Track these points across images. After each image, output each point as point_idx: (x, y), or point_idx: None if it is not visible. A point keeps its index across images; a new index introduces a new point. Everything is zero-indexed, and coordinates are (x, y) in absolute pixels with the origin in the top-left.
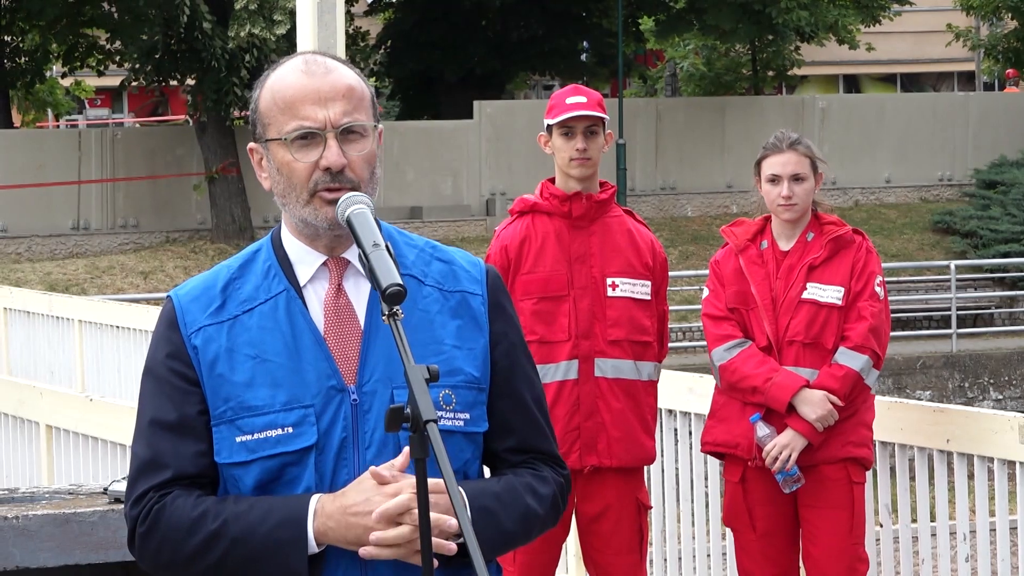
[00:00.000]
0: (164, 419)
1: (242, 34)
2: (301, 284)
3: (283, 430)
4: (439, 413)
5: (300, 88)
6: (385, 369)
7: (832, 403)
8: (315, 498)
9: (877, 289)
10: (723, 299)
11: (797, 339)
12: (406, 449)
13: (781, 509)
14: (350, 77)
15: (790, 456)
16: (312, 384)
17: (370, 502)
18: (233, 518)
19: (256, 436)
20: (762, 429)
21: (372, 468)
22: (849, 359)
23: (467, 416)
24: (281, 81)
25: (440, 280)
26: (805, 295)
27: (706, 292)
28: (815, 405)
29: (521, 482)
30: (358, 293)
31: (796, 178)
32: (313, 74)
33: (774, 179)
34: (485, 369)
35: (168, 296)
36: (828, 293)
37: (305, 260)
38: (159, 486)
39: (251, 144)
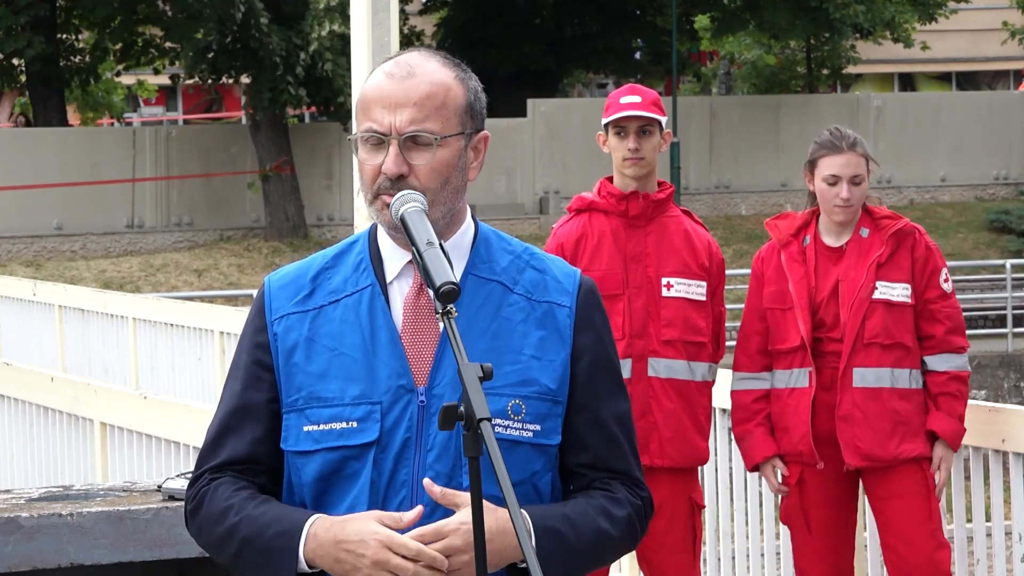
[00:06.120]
0: (231, 402)
1: (323, 33)
2: (388, 280)
3: (347, 424)
4: (507, 422)
5: (376, 90)
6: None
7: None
8: (312, 519)
9: (944, 285)
10: (758, 310)
11: (877, 340)
12: (419, 508)
13: (837, 511)
14: (431, 83)
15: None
16: (382, 382)
17: (365, 544)
18: (248, 519)
19: (322, 427)
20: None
21: (378, 512)
22: (945, 363)
23: (537, 428)
24: (369, 80)
25: (530, 289)
26: (876, 295)
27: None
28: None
29: (594, 504)
30: None
31: (855, 180)
32: (393, 77)
33: (834, 181)
34: (563, 382)
35: (264, 280)
36: (897, 291)
37: (393, 256)
38: (213, 469)
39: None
